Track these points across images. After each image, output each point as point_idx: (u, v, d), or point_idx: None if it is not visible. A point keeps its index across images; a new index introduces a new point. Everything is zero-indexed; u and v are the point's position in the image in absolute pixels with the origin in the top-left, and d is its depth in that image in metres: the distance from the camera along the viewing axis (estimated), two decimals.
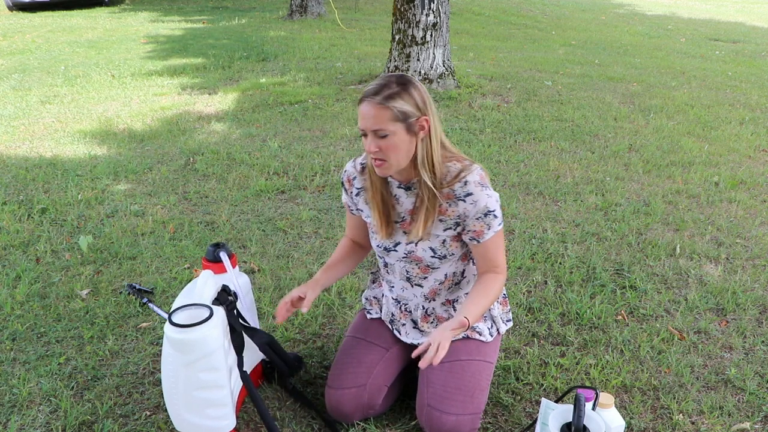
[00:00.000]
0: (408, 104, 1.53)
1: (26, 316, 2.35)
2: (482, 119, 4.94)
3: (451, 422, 1.67)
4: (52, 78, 6.57)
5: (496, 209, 1.64)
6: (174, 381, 1.59)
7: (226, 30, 9.87)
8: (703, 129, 4.90)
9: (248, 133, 4.58)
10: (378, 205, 1.72)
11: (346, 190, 1.84)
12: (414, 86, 1.56)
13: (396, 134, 1.54)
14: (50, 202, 3.35)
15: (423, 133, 1.57)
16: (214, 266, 1.79)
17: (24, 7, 13.22)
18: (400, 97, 1.53)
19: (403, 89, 1.54)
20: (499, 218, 1.65)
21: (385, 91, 1.53)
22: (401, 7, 5.56)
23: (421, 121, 1.55)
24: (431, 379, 1.76)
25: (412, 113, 1.54)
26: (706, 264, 2.81)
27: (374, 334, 1.91)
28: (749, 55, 9.13)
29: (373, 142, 1.55)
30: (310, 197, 3.47)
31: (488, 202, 1.62)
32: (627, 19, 13.47)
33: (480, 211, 1.62)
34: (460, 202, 1.62)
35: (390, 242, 1.76)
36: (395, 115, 1.52)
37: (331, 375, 1.83)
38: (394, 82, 1.55)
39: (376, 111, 1.52)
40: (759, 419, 1.88)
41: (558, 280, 2.64)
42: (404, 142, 1.56)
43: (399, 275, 1.82)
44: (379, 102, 1.52)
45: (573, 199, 3.48)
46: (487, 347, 1.85)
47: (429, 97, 1.59)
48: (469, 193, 1.61)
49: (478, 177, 1.63)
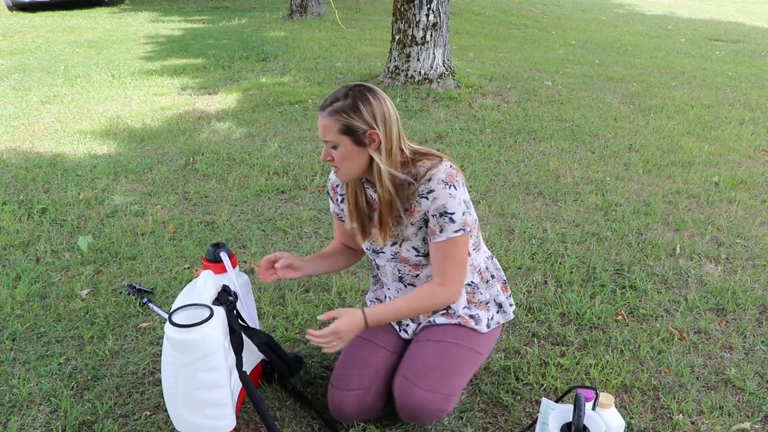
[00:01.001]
0: (355, 118, 1.57)
1: (26, 316, 2.35)
2: (482, 119, 4.94)
3: (420, 396, 1.69)
4: (52, 78, 6.57)
5: (456, 213, 1.61)
6: (174, 381, 1.59)
7: (226, 30, 9.87)
8: (703, 129, 4.90)
9: (248, 133, 4.58)
10: (351, 207, 1.76)
11: (332, 199, 1.89)
12: (365, 98, 1.58)
13: (343, 146, 1.60)
14: (50, 202, 3.35)
15: (375, 146, 1.60)
16: (214, 266, 1.78)
17: (24, 7, 13.22)
18: (346, 111, 1.57)
19: (353, 103, 1.57)
20: (456, 224, 1.62)
21: (335, 103, 1.58)
22: (401, 7, 5.56)
23: (370, 134, 1.58)
24: (413, 353, 1.80)
25: (358, 127, 1.57)
26: (706, 264, 2.81)
27: (380, 337, 1.91)
28: (749, 55, 9.13)
29: (326, 151, 1.63)
30: (310, 197, 3.47)
31: (448, 201, 1.61)
32: (627, 19, 13.47)
33: (437, 209, 1.62)
34: (422, 200, 1.64)
35: (376, 245, 1.78)
36: (341, 127, 1.58)
37: (336, 375, 1.83)
38: (345, 95, 1.59)
39: (325, 122, 1.59)
40: (759, 419, 1.88)
41: (558, 280, 2.64)
42: (353, 153, 1.60)
43: (391, 276, 1.83)
44: (327, 114, 1.59)
45: (573, 199, 3.48)
46: (479, 337, 1.85)
47: (384, 107, 1.59)
48: (431, 189, 1.62)
49: (444, 175, 1.61)
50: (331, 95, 1.61)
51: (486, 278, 1.87)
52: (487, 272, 1.88)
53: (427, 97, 5.46)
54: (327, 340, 1.63)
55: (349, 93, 1.59)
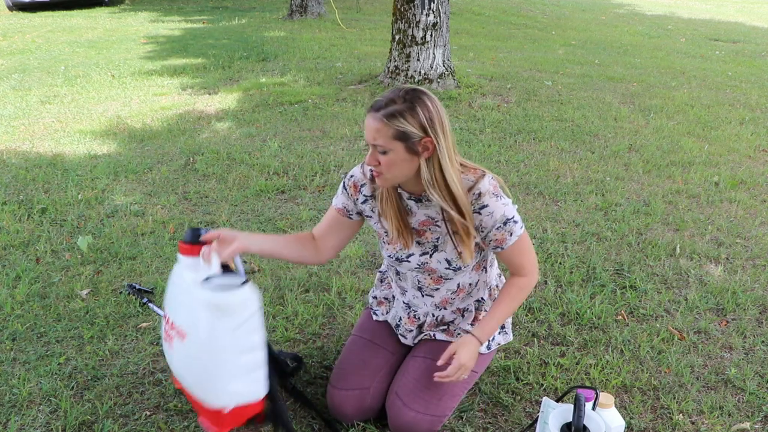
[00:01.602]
0: (411, 124, 1.48)
1: (26, 316, 2.35)
2: (482, 119, 4.94)
3: (410, 417, 1.69)
4: (52, 78, 6.57)
5: (515, 215, 1.63)
6: (218, 353, 1.53)
7: (226, 30, 9.87)
8: (703, 129, 4.90)
9: (248, 133, 4.58)
10: (395, 214, 1.67)
11: (348, 195, 1.76)
12: (422, 103, 1.49)
13: (395, 152, 1.50)
14: (50, 202, 3.35)
15: (427, 154, 1.51)
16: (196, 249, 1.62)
17: (24, 7, 13.21)
18: (402, 115, 1.47)
19: (409, 107, 1.48)
20: (519, 223, 1.64)
21: (390, 106, 1.48)
22: (401, 7, 5.56)
23: (424, 142, 1.50)
24: (408, 370, 1.78)
25: (414, 134, 1.48)
26: (706, 264, 2.81)
27: (381, 337, 1.91)
28: (749, 55, 9.13)
29: (373, 156, 1.54)
30: (310, 197, 3.47)
31: (505, 210, 1.60)
32: (627, 19, 13.47)
33: (498, 221, 1.60)
34: (475, 215, 1.60)
35: (403, 253, 1.73)
36: (395, 133, 1.48)
37: (335, 375, 1.83)
38: (401, 98, 1.49)
39: (378, 126, 1.49)
40: (759, 419, 1.88)
41: (558, 280, 2.64)
42: (403, 160, 1.52)
43: (411, 283, 1.81)
44: (381, 118, 1.48)
45: (573, 199, 3.48)
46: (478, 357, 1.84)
47: (440, 114, 1.51)
48: (484, 205, 1.58)
49: (491, 187, 1.59)
50: (384, 96, 1.51)
51: (494, 296, 1.87)
52: (496, 290, 1.88)
53: None
54: (456, 376, 1.64)
55: (407, 96, 1.49)
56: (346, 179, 1.76)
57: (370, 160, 1.55)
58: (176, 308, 1.59)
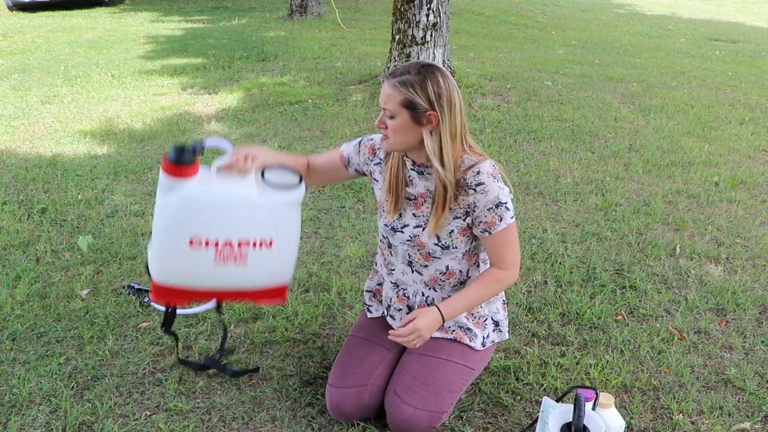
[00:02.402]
0: (419, 95, 1.56)
1: (26, 316, 2.35)
2: (482, 119, 4.94)
3: (408, 413, 1.70)
4: (52, 78, 6.57)
5: (508, 202, 1.65)
6: (297, 239, 1.76)
7: (226, 30, 9.87)
8: (703, 129, 4.90)
9: (248, 133, 4.58)
10: (390, 180, 1.74)
11: (358, 152, 1.85)
12: (434, 79, 1.58)
13: (401, 117, 1.59)
14: (50, 202, 3.35)
15: (430, 127, 1.59)
16: (181, 170, 1.62)
17: (24, 7, 13.21)
18: (413, 85, 1.56)
19: (421, 80, 1.57)
20: (511, 211, 1.66)
21: (404, 75, 1.58)
22: (401, 7, 5.56)
23: (428, 114, 1.58)
24: (405, 367, 1.80)
25: (421, 105, 1.57)
26: (706, 264, 2.81)
27: (377, 335, 1.91)
28: (749, 55, 9.13)
29: (382, 118, 1.63)
30: (310, 197, 3.47)
31: (500, 193, 1.63)
32: (627, 19, 13.47)
33: (491, 201, 1.63)
34: (470, 191, 1.64)
35: (399, 223, 1.77)
36: (403, 100, 1.57)
37: (333, 374, 1.83)
38: (416, 70, 1.58)
39: (390, 91, 1.59)
40: (759, 419, 1.88)
41: (558, 280, 2.64)
42: (407, 128, 1.60)
43: (401, 258, 1.82)
44: (394, 84, 1.58)
45: (573, 199, 3.48)
46: (473, 354, 1.85)
47: (450, 91, 1.59)
48: (480, 182, 1.63)
49: (491, 168, 1.65)
50: (403, 66, 1.62)
51: None
52: None
53: None
54: (407, 339, 1.67)
55: (421, 69, 1.58)
56: (365, 138, 1.86)
57: (379, 122, 1.64)
58: (236, 227, 1.65)
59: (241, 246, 1.65)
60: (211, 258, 1.65)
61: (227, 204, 1.64)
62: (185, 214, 1.63)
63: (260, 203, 1.66)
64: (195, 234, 1.63)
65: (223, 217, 1.64)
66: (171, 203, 1.63)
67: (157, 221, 1.68)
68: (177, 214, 1.63)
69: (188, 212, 1.63)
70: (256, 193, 1.66)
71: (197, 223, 1.63)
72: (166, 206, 1.64)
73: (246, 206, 1.65)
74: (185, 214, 1.63)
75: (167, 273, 1.72)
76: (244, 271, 1.70)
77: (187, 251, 1.64)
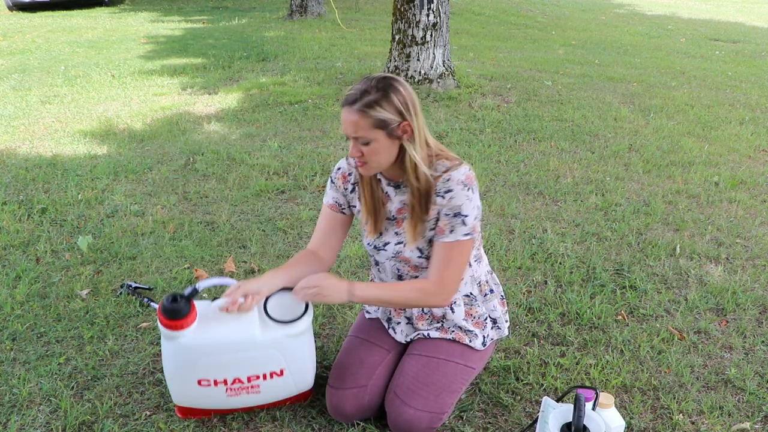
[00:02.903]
0: (388, 111, 1.53)
1: (26, 316, 2.35)
2: (482, 119, 4.94)
3: (409, 414, 1.70)
4: (52, 78, 6.57)
5: (469, 216, 1.60)
6: (312, 355, 1.78)
7: (226, 30, 9.87)
8: (703, 129, 4.90)
9: (248, 133, 4.58)
10: (367, 200, 1.72)
11: (337, 188, 1.81)
12: (395, 90, 1.54)
13: (377, 141, 1.55)
14: (50, 202, 3.35)
15: (406, 137, 1.57)
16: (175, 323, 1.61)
17: (24, 7, 13.21)
18: (379, 104, 1.52)
19: (383, 95, 1.52)
20: (467, 227, 1.61)
21: (364, 97, 1.52)
22: (401, 7, 5.56)
23: (403, 126, 1.55)
24: (405, 368, 1.79)
25: (393, 120, 1.53)
26: (706, 264, 2.81)
27: (376, 335, 1.91)
28: (749, 55, 9.13)
29: (356, 148, 1.58)
30: (310, 197, 3.47)
31: (464, 203, 1.60)
32: (627, 19, 13.47)
33: (452, 208, 1.60)
34: (438, 198, 1.62)
35: (380, 241, 1.76)
36: (375, 122, 1.53)
37: (333, 375, 1.83)
38: (374, 87, 1.53)
39: (356, 119, 1.53)
40: (759, 419, 1.88)
41: (558, 280, 2.64)
42: (386, 147, 1.57)
43: (390, 273, 1.82)
44: (358, 109, 1.52)
45: (573, 199, 3.48)
46: (473, 353, 1.85)
47: (412, 96, 1.57)
48: (449, 189, 1.60)
49: (464, 177, 1.60)
50: (354, 89, 1.55)
51: (485, 291, 1.87)
52: (487, 286, 1.87)
53: (427, 97, 5.46)
54: (305, 291, 1.62)
55: (380, 85, 1.53)
56: (333, 173, 1.81)
57: (353, 152, 1.59)
58: (243, 366, 1.67)
59: (251, 380, 1.70)
60: (222, 392, 1.70)
61: (230, 349, 1.65)
62: (187, 363, 1.66)
63: (265, 342, 1.65)
64: (202, 377, 1.67)
65: (228, 361, 1.66)
66: (172, 352, 1.66)
67: (164, 361, 1.71)
68: (179, 363, 1.67)
69: (190, 361, 1.65)
70: (259, 331, 1.64)
71: (202, 369, 1.66)
72: (168, 354, 1.67)
73: (250, 348, 1.65)
74: (188, 363, 1.66)
75: (184, 400, 1.78)
76: (260, 397, 1.76)
77: (198, 389, 1.69)
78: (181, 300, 1.59)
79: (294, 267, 1.76)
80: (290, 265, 1.78)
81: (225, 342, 1.64)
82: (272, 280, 1.69)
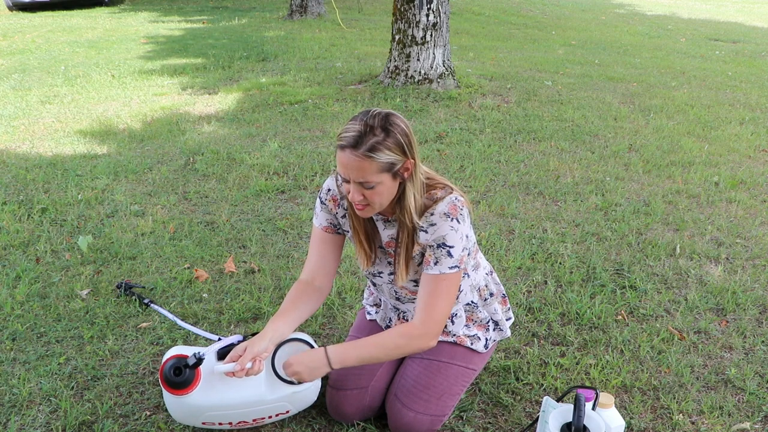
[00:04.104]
0: (393, 151, 1.44)
1: (26, 316, 2.35)
2: (482, 119, 4.94)
3: (410, 418, 1.69)
4: (52, 78, 6.57)
5: (455, 247, 1.54)
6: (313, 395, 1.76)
7: (226, 30, 9.87)
8: (703, 129, 4.90)
9: (248, 133, 4.58)
10: (361, 237, 1.67)
11: (329, 210, 1.72)
12: (396, 126, 1.45)
13: (383, 183, 1.48)
14: (50, 202, 3.35)
15: (407, 174, 1.51)
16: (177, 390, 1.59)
17: (24, 7, 13.22)
18: (384, 145, 1.43)
19: (387, 135, 1.43)
20: (453, 260, 1.55)
21: (368, 140, 1.42)
22: (401, 7, 5.56)
23: (406, 164, 1.49)
24: (406, 371, 1.79)
25: (398, 160, 1.46)
26: (706, 264, 2.81)
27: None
28: (749, 55, 9.13)
29: (358, 191, 1.49)
30: (310, 197, 3.47)
31: (448, 234, 1.54)
32: (627, 19, 13.47)
33: (435, 239, 1.55)
34: (422, 233, 1.58)
35: (374, 269, 1.75)
36: (382, 166, 1.44)
37: (333, 375, 1.83)
38: (377, 127, 1.43)
39: (360, 163, 1.43)
40: (759, 419, 1.88)
41: (558, 280, 2.64)
42: (389, 188, 1.50)
43: (389, 294, 1.82)
44: (364, 154, 1.42)
45: (573, 199, 3.48)
46: (475, 355, 1.85)
47: (410, 130, 1.49)
48: (432, 223, 1.56)
49: (447, 208, 1.54)
50: (354, 129, 1.44)
51: (485, 296, 1.87)
52: (486, 290, 1.87)
53: (427, 97, 5.46)
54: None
55: (383, 124, 1.44)
56: (323, 195, 1.72)
57: (355, 196, 1.50)
58: (249, 415, 1.68)
59: (257, 421, 1.72)
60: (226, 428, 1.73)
61: (236, 406, 1.65)
62: (192, 414, 1.66)
63: (273, 399, 1.65)
64: (206, 421, 1.68)
65: (233, 414, 1.67)
66: (176, 405, 1.64)
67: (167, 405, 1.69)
68: (184, 414, 1.67)
69: (195, 414, 1.66)
70: (267, 390, 1.63)
71: (207, 417, 1.67)
72: (171, 402, 1.65)
73: (258, 405, 1.66)
74: (192, 414, 1.66)
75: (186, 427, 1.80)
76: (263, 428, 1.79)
77: (202, 426, 1.71)
78: (185, 369, 1.56)
79: (293, 310, 1.68)
80: (289, 308, 1.69)
81: (232, 403, 1.64)
82: (276, 333, 1.62)
